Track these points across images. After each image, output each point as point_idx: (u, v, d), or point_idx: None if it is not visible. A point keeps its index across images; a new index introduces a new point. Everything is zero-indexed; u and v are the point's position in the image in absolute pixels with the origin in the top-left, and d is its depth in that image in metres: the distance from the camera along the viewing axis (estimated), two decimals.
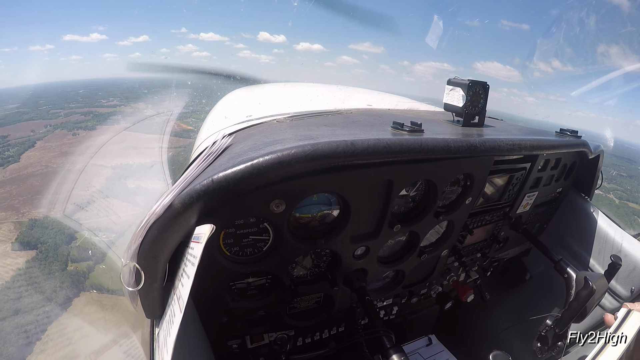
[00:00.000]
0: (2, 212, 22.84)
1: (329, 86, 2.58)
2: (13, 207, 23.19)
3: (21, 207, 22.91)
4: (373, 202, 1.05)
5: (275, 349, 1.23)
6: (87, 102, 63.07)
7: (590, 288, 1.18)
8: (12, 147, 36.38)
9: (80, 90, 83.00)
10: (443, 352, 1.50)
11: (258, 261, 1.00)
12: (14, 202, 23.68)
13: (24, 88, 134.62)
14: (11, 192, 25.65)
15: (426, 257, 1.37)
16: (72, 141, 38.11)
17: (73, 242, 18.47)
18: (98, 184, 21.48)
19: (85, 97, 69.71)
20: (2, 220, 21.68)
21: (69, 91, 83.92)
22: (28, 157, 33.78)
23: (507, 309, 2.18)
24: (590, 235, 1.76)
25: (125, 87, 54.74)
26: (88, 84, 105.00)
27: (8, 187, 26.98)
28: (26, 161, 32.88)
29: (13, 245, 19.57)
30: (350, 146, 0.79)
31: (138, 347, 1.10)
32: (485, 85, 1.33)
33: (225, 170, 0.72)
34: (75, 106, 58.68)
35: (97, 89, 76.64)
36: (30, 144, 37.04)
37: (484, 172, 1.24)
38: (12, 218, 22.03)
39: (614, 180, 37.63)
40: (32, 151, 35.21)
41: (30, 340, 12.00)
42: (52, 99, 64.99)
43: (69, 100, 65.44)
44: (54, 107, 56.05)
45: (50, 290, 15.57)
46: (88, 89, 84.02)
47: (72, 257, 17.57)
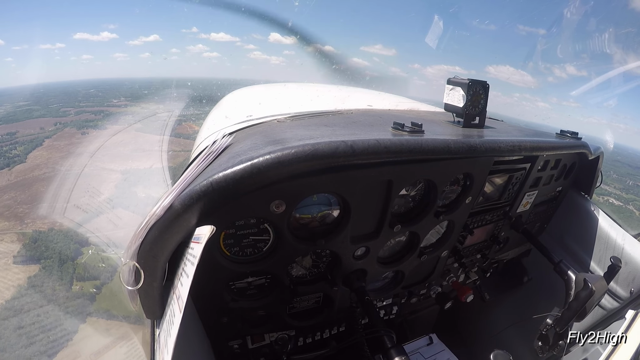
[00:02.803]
0: (5, 221, 21.80)
1: (329, 86, 2.58)
2: (17, 215, 22.32)
3: (25, 217, 21.92)
4: (373, 202, 1.05)
5: (276, 349, 1.23)
6: (98, 101, 62.70)
7: (589, 289, 1.19)
8: (19, 144, 35.46)
9: (91, 90, 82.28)
10: (444, 352, 1.50)
11: (258, 261, 1.00)
12: (18, 210, 22.83)
13: (35, 86, 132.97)
14: (15, 199, 24.79)
15: (426, 258, 1.37)
16: (82, 140, 37.15)
17: (79, 257, 17.04)
18: (107, 192, 20.39)
19: (96, 96, 69.25)
20: (5, 230, 20.72)
21: (80, 90, 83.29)
22: (35, 157, 32.83)
23: (508, 309, 2.18)
24: (591, 235, 1.76)
25: (137, 86, 54.24)
26: (99, 83, 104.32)
27: (13, 192, 26.04)
28: (33, 162, 31.91)
29: (15, 258, 18.26)
30: (350, 146, 0.79)
31: (139, 349, 1.10)
32: (486, 84, 1.33)
33: (225, 170, 0.72)
34: (85, 105, 58.30)
35: (109, 88, 75.64)
36: (38, 142, 36.12)
37: (484, 172, 1.24)
38: (16, 228, 21.02)
39: (631, 190, 37.19)
40: (40, 150, 34.28)
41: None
42: (62, 98, 64.27)
43: (79, 98, 64.99)
44: (64, 105, 55.52)
45: (53, 318, 13.67)
46: (99, 88, 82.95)
47: (78, 275, 16.17)
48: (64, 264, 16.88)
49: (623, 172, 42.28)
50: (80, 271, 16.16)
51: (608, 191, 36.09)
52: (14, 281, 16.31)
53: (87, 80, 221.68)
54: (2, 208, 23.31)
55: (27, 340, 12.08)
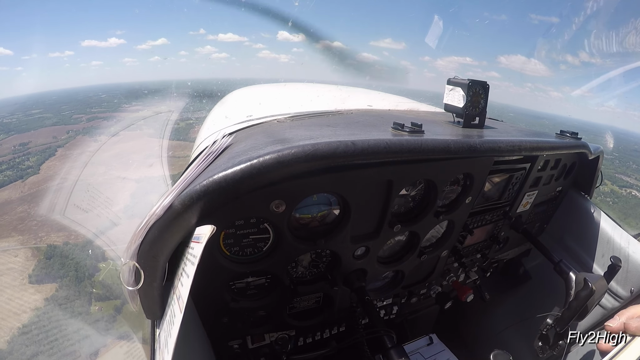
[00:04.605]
0: (20, 235, 20.97)
1: (329, 86, 2.58)
2: (31, 229, 21.48)
3: (39, 230, 21.03)
4: (373, 202, 1.05)
5: (277, 349, 1.23)
6: (109, 106, 62.18)
7: (589, 289, 1.19)
8: (32, 155, 35.24)
9: (102, 95, 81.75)
10: (444, 352, 1.50)
11: (258, 261, 1.00)
12: (32, 224, 22.00)
13: (46, 93, 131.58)
14: (29, 212, 24.06)
15: (426, 257, 1.37)
16: (94, 148, 37.09)
17: (96, 274, 15.88)
18: (122, 202, 19.22)
19: (108, 101, 68.78)
20: (20, 246, 19.90)
21: (91, 96, 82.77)
22: (49, 167, 32.42)
23: (508, 309, 2.18)
24: (590, 235, 1.76)
25: (146, 91, 53.52)
26: (110, 88, 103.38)
27: (26, 205, 25.42)
28: (46, 172, 31.39)
29: (30, 277, 17.21)
30: (350, 147, 0.79)
31: (139, 349, 1.10)
32: (485, 85, 1.33)
33: (225, 170, 0.72)
34: (97, 111, 58.02)
35: (119, 93, 75.06)
36: (51, 153, 35.92)
37: (484, 172, 1.24)
38: (30, 243, 20.15)
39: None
40: (53, 160, 33.92)
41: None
42: (74, 104, 63.98)
43: (91, 104, 64.63)
44: (76, 112, 55.34)
45: (72, 343, 12.73)
46: (110, 93, 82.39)
47: (96, 295, 15.10)
48: (81, 282, 15.93)
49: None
50: (99, 291, 15.21)
51: (630, 183, 34.54)
52: (30, 303, 15.56)
53: (97, 86, 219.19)
54: (17, 221, 22.80)
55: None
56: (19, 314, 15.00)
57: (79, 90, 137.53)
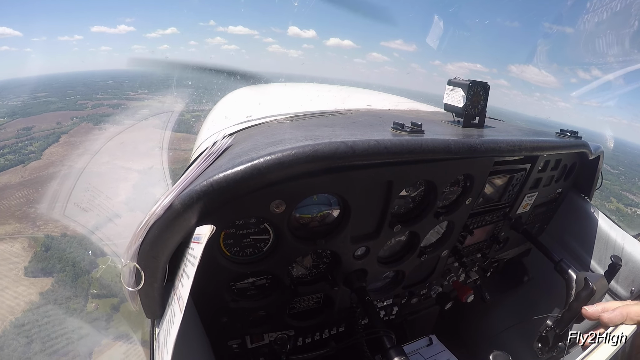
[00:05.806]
0: (17, 223, 20.40)
1: (329, 86, 2.59)
2: (29, 216, 21.03)
3: (37, 218, 20.44)
4: (373, 203, 1.05)
5: (276, 349, 1.23)
6: (115, 93, 61.57)
7: (590, 289, 1.18)
8: (35, 140, 34.58)
9: (109, 81, 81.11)
10: (444, 352, 1.50)
11: (258, 261, 1.00)
12: (31, 211, 21.59)
13: (53, 76, 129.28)
14: (28, 198, 23.60)
15: (426, 257, 1.37)
16: (98, 137, 35.62)
17: (94, 270, 15.28)
18: (124, 193, 18.82)
19: (114, 87, 68.10)
20: (17, 234, 19.30)
21: (98, 81, 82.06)
22: (51, 153, 31.68)
23: (508, 310, 2.18)
24: (591, 236, 1.76)
25: (155, 79, 53.02)
26: (118, 74, 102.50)
27: (25, 190, 24.83)
28: (48, 159, 30.74)
29: (26, 269, 16.66)
30: (350, 147, 0.79)
31: (138, 348, 1.09)
32: (486, 85, 1.33)
33: (225, 170, 0.72)
34: (103, 97, 57.39)
35: (126, 80, 73.93)
36: (54, 139, 35.20)
37: (484, 173, 1.24)
38: (27, 232, 19.62)
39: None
40: (56, 147, 33.24)
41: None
42: (81, 89, 63.23)
43: (97, 90, 63.78)
44: (82, 98, 54.64)
45: (64, 343, 12.34)
46: (117, 79, 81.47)
47: (93, 293, 14.58)
48: (79, 278, 15.35)
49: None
50: (96, 289, 14.66)
51: (635, 202, 33.53)
52: (25, 296, 15.02)
53: (105, 71, 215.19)
54: (14, 207, 22.40)
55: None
56: (13, 307, 14.56)
57: (86, 74, 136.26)
